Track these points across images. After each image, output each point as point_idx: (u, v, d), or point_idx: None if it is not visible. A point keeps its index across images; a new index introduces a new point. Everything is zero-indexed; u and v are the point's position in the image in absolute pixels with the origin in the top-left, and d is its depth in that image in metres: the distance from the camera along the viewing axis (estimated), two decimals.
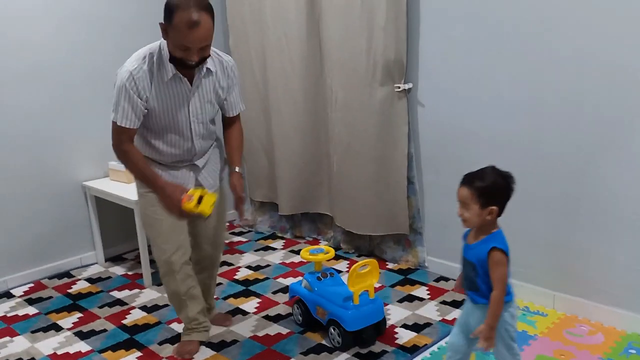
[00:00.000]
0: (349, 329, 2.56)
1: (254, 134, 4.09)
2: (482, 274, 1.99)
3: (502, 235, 2.01)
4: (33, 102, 3.32)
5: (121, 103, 2.24)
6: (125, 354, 2.62)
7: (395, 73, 3.16)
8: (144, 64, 2.23)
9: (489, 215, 1.96)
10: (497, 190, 1.97)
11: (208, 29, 2.13)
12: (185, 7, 2.06)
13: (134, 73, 2.22)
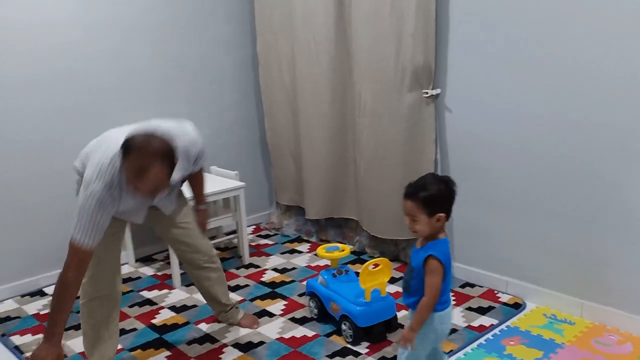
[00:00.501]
0: (360, 325, 2.64)
1: (281, 138, 4.14)
2: (416, 277, 2.03)
3: (445, 244, 2.03)
4: (63, 105, 3.40)
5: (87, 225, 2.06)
6: (154, 353, 2.68)
7: (423, 79, 3.18)
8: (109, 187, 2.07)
9: (438, 222, 2.00)
10: (441, 198, 2.00)
11: (157, 178, 1.98)
12: (137, 152, 1.95)
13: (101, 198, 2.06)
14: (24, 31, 3.20)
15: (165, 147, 2.00)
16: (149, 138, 2.00)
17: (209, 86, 4.03)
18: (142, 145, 1.97)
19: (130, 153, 1.97)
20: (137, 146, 1.97)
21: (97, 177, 2.07)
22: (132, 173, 1.98)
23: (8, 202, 3.23)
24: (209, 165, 4.01)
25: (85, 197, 2.06)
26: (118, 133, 2.17)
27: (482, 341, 2.69)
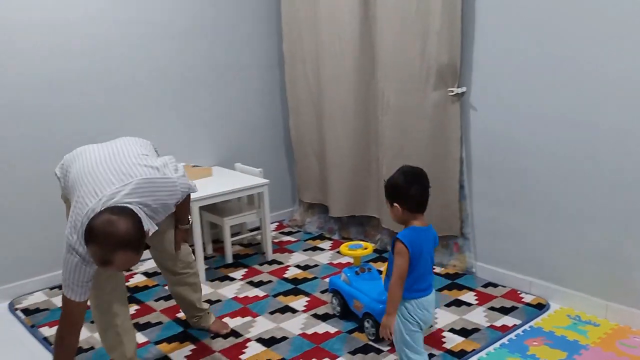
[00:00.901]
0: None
1: (305, 137, 4.17)
2: (390, 263, 2.14)
3: (414, 230, 2.12)
4: (92, 103, 3.48)
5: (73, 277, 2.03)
6: (179, 347, 2.73)
7: (448, 77, 3.18)
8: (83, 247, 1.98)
9: (398, 211, 2.10)
10: (394, 189, 2.12)
11: (123, 264, 1.89)
12: (99, 244, 1.84)
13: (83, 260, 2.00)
14: (53, 30, 3.28)
15: (128, 235, 1.84)
16: (110, 226, 1.83)
17: (234, 85, 4.08)
18: (104, 236, 1.83)
19: (93, 242, 1.85)
20: (99, 237, 1.83)
21: (78, 239, 1.97)
22: (97, 261, 1.89)
23: (38, 197, 3.31)
24: (234, 162, 4.06)
25: (68, 256, 1.99)
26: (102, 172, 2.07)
27: (504, 341, 2.69)
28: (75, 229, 1.99)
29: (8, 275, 3.28)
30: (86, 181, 2.07)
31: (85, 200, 2.00)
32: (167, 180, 2.15)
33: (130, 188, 2.02)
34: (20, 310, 3.16)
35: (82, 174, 2.12)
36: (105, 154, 2.19)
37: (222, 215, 3.67)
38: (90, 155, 2.20)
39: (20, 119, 3.23)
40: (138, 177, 2.05)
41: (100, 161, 2.14)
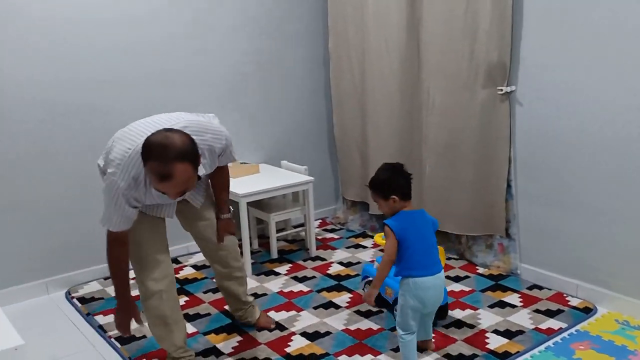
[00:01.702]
0: None
1: (349, 134, 4.21)
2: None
3: (402, 214, 2.38)
4: (142, 99, 3.60)
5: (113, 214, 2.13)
6: (227, 337, 2.82)
7: (497, 76, 3.17)
8: (134, 183, 2.08)
9: (394, 203, 2.37)
10: (390, 182, 2.38)
11: (183, 180, 1.96)
12: (158, 157, 1.90)
13: (125, 195, 2.09)
14: (108, 27, 3.41)
15: (185, 146, 1.92)
16: (167, 139, 1.91)
17: (281, 82, 4.15)
18: (161, 148, 1.90)
19: (150, 158, 1.92)
20: (157, 150, 1.90)
21: (122, 172, 2.03)
22: (156, 179, 1.94)
23: (93, 189, 3.45)
24: (280, 159, 4.14)
25: (110, 189, 2.07)
26: (142, 125, 2.16)
27: (550, 344, 2.67)
28: (123, 169, 2.04)
29: (65, 264, 3.44)
30: (131, 133, 2.15)
31: (132, 140, 2.08)
32: (214, 125, 2.27)
33: (180, 126, 2.09)
34: (76, 298, 3.31)
35: (123, 132, 2.20)
36: (150, 120, 2.23)
37: (267, 211, 3.76)
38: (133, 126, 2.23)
39: (76, 113, 3.38)
40: (185, 119, 2.15)
41: (146, 122, 2.20)
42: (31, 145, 3.26)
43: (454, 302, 3.10)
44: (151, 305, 2.41)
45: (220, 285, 2.80)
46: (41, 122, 3.28)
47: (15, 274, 3.27)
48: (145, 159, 1.95)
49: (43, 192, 3.33)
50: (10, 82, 3.15)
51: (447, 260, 3.66)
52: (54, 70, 3.27)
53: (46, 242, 3.36)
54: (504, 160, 3.26)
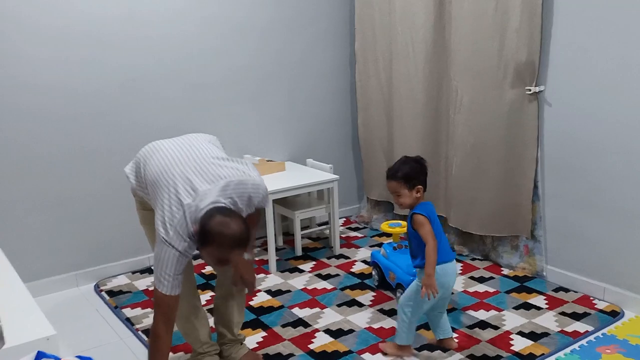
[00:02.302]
0: None
1: (374, 134, 4.22)
2: (412, 240, 2.48)
3: (426, 205, 2.46)
4: (170, 98, 3.65)
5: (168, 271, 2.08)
6: (251, 333, 2.86)
7: (526, 75, 3.14)
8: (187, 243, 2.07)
9: (417, 194, 2.44)
10: (416, 173, 2.45)
11: (237, 260, 2.07)
12: (217, 245, 1.96)
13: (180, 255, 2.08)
14: (139, 27, 3.47)
15: (242, 234, 1.98)
16: (226, 228, 1.94)
17: (306, 82, 4.18)
18: (221, 237, 1.94)
19: (209, 245, 1.97)
20: (217, 239, 1.95)
21: (176, 235, 2.04)
22: (212, 261, 2.03)
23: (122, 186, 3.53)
24: (306, 158, 4.17)
25: (165, 250, 2.05)
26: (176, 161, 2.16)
27: (575, 347, 2.65)
28: (171, 225, 2.05)
29: (94, 258, 3.52)
30: (172, 176, 2.14)
31: (178, 197, 2.08)
32: (252, 177, 2.21)
33: (221, 187, 2.10)
34: (105, 291, 3.39)
35: (165, 171, 2.17)
36: (185, 152, 2.23)
37: (292, 209, 3.79)
38: (168, 153, 2.24)
39: (104, 109, 3.44)
40: (226, 178, 2.13)
41: (183, 160, 2.20)
42: (63, 142, 3.34)
43: (478, 303, 3.09)
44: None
45: (216, 305, 2.60)
46: (74, 121, 3.35)
47: (47, 266, 3.36)
48: (203, 243, 1.99)
49: (74, 189, 3.41)
50: (46, 82, 3.23)
51: (471, 260, 3.65)
52: (87, 70, 3.34)
53: (76, 237, 3.45)
54: (531, 161, 3.24)
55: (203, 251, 2.01)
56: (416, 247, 2.47)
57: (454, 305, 3.06)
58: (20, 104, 3.18)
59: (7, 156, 3.18)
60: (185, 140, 2.35)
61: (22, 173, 3.24)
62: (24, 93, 3.18)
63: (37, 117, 3.24)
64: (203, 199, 2.06)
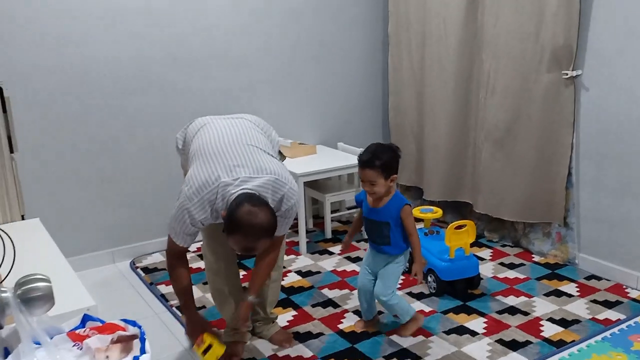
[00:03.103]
0: (443, 278, 2.98)
1: (405, 118, 4.21)
2: (394, 229, 2.51)
3: (401, 195, 2.56)
4: (219, 83, 3.70)
5: (178, 229, 2.17)
6: (282, 312, 2.91)
7: (563, 59, 3.10)
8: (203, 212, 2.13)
9: (392, 182, 2.45)
10: (393, 162, 2.44)
11: (262, 248, 2.09)
12: (245, 234, 1.99)
13: (194, 222, 2.14)
14: (182, 12, 3.51)
15: (269, 224, 2.01)
16: (254, 218, 1.98)
17: (339, 65, 4.18)
18: (249, 227, 1.98)
19: (237, 233, 2.00)
20: (244, 229, 1.98)
21: (199, 204, 2.10)
22: (238, 247, 2.05)
23: (159, 166, 3.61)
24: (337, 141, 4.18)
25: (179, 213, 2.13)
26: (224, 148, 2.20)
27: (607, 335, 2.63)
28: (198, 193, 2.10)
29: (130, 236, 3.62)
30: (217, 152, 2.20)
31: (217, 172, 2.13)
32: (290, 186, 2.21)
33: (263, 181, 2.13)
34: (140, 268, 3.48)
35: (211, 144, 2.24)
36: (234, 134, 2.28)
37: (323, 192, 3.82)
38: (218, 131, 2.30)
39: (145, 90, 3.50)
40: (270, 174, 2.16)
41: (231, 138, 2.25)
42: (106, 119, 3.42)
43: (508, 289, 3.09)
44: (213, 279, 2.55)
45: None
46: (118, 98, 3.42)
47: (85, 243, 3.47)
48: (231, 231, 2.02)
49: (114, 167, 3.49)
50: (94, 56, 3.30)
51: (501, 247, 3.64)
52: (134, 45, 3.40)
53: (114, 214, 3.54)
54: (566, 147, 3.20)
55: (230, 238, 2.04)
56: (396, 235, 2.52)
57: (483, 291, 3.07)
58: (67, 79, 3.25)
59: (52, 133, 3.27)
60: (239, 122, 2.40)
61: (66, 150, 3.33)
62: (71, 68, 3.25)
63: (82, 93, 3.31)
64: (240, 184, 2.10)
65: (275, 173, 2.18)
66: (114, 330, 1.09)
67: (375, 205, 2.53)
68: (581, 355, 2.48)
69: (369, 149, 2.46)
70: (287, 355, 2.56)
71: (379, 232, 2.55)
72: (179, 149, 2.53)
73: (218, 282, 2.54)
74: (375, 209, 2.53)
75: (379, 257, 2.62)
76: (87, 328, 1.11)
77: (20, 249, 1.58)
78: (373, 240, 2.61)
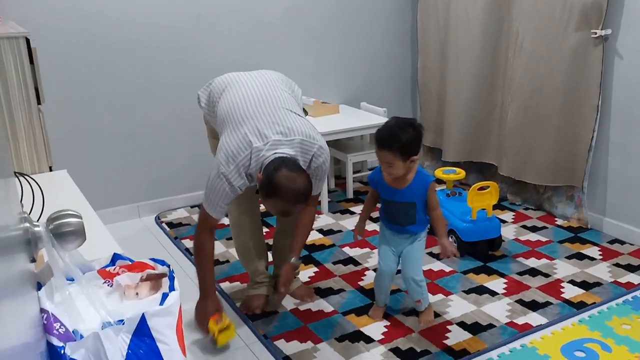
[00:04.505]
0: (464, 239, 2.96)
1: (430, 78, 4.15)
2: (420, 209, 2.33)
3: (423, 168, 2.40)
4: (243, 40, 3.69)
5: (216, 199, 2.19)
6: (304, 268, 2.95)
7: (592, 17, 3.00)
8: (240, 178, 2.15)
9: (412, 163, 2.23)
10: (413, 143, 2.20)
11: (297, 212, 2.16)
12: (283, 198, 2.03)
13: (233, 189, 2.17)
14: None
15: (306, 190, 2.06)
16: (293, 183, 2.01)
17: (365, 24, 4.10)
18: (287, 192, 2.01)
19: (275, 196, 2.03)
20: (283, 193, 2.01)
21: (236, 170, 2.12)
22: (275, 210, 2.11)
23: (184, 122, 3.63)
24: (360, 101, 4.15)
25: (217, 181, 2.14)
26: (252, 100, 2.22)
27: (628, 298, 2.63)
28: (233, 160, 2.12)
29: (156, 191, 3.68)
30: (245, 115, 2.19)
31: (248, 137, 2.13)
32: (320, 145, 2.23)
33: (293, 144, 2.14)
34: (165, 223, 3.55)
35: (239, 107, 2.23)
36: (262, 94, 2.26)
37: (345, 152, 3.82)
38: (246, 90, 2.29)
39: (169, 47, 3.50)
40: (299, 135, 2.17)
41: (258, 99, 2.24)
42: (132, 76, 3.43)
43: (530, 251, 3.08)
44: (237, 234, 2.59)
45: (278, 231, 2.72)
46: (143, 55, 3.43)
47: (111, 197, 3.53)
48: (268, 194, 2.06)
49: (140, 123, 3.53)
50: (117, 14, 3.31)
51: (524, 210, 3.62)
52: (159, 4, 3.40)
53: (140, 170, 3.59)
54: (592, 109, 3.13)
55: (267, 201, 2.08)
56: (421, 213, 2.34)
57: (504, 252, 3.07)
58: (90, 36, 3.27)
59: (78, 88, 3.30)
60: (264, 80, 2.37)
61: (92, 105, 3.36)
62: (93, 25, 3.26)
63: (108, 50, 3.33)
64: (272, 147, 2.11)
65: (304, 134, 2.19)
66: (143, 268, 1.12)
67: (398, 186, 2.30)
68: (601, 317, 2.48)
69: (386, 126, 2.24)
70: (309, 309, 2.61)
71: (404, 213, 2.34)
72: (202, 106, 2.52)
73: (242, 236, 2.58)
74: (397, 189, 2.30)
75: (401, 237, 2.42)
76: (117, 266, 1.14)
77: (49, 198, 1.62)
78: (396, 222, 2.37)
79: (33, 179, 1.68)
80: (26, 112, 2.22)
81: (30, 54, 2.21)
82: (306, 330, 2.46)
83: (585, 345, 2.30)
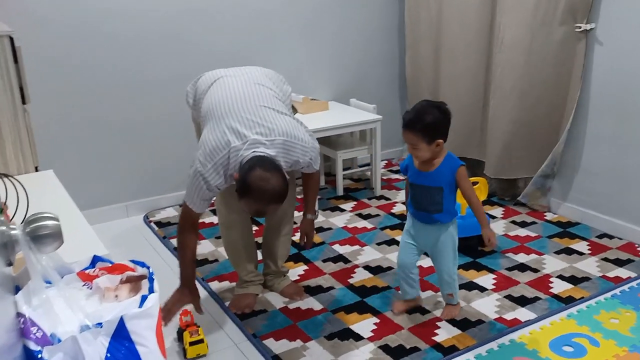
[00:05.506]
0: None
1: (421, 73, 4.13)
2: (447, 195, 2.24)
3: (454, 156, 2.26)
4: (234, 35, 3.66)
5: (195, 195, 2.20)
6: (293, 266, 2.95)
7: (578, 12, 3.01)
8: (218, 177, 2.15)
9: (437, 147, 2.16)
10: (437, 125, 2.14)
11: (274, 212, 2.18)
12: (256, 199, 2.01)
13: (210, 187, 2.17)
14: None
15: (281, 189, 2.02)
16: (266, 183, 1.98)
17: (354, 20, 4.08)
18: (260, 192, 1.99)
19: (248, 197, 2.02)
20: (256, 193, 1.99)
21: (214, 168, 2.12)
22: (252, 212, 2.14)
23: (171, 121, 3.60)
24: (349, 97, 4.14)
25: (194, 180, 2.15)
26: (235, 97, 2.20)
27: (617, 292, 2.64)
28: (210, 159, 2.12)
29: (144, 190, 3.65)
30: (226, 113, 2.17)
31: (227, 136, 2.12)
32: (303, 138, 2.22)
33: (274, 144, 2.12)
34: (154, 222, 3.53)
35: (221, 104, 2.21)
36: (246, 92, 2.24)
37: (335, 149, 3.81)
38: (229, 88, 2.27)
39: (160, 42, 3.46)
40: (281, 136, 2.15)
41: (242, 97, 2.22)
42: (120, 71, 3.40)
43: (519, 247, 3.09)
44: (226, 233, 2.57)
45: (266, 238, 2.70)
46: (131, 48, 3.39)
47: (99, 196, 3.51)
48: (242, 194, 2.04)
49: (128, 119, 3.49)
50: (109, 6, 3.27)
51: (514, 206, 3.62)
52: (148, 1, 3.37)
53: (128, 168, 3.57)
54: (572, 102, 3.16)
55: (241, 201, 2.07)
56: (449, 201, 2.27)
57: (493, 248, 3.07)
58: (78, 30, 3.23)
59: (63, 86, 3.27)
60: (249, 77, 2.34)
61: (78, 103, 3.33)
62: (83, 17, 3.22)
63: (94, 44, 3.28)
64: (250, 146, 2.10)
65: (286, 134, 2.17)
66: (123, 270, 1.11)
67: (425, 169, 2.24)
68: (590, 312, 2.49)
69: (414, 108, 2.20)
70: (298, 308, 2.60)
71: (431, 199, 2.26)
72: (190, 104, 2.51)
73: (231, 235, 2.57)
74: (425, 173, 2.24)
75: (428, 230, 2.34)
76: (96, 268, 1.13)
77: (34, 199, 1.60)
78: (423, 208, 2.30)
79: (17, 180, 1.65)
80: (11, 112, 2.19)
81: (14, 53, 2.19)
82: (295, 329, 2.45)
83: (573, 340, 2.31)
